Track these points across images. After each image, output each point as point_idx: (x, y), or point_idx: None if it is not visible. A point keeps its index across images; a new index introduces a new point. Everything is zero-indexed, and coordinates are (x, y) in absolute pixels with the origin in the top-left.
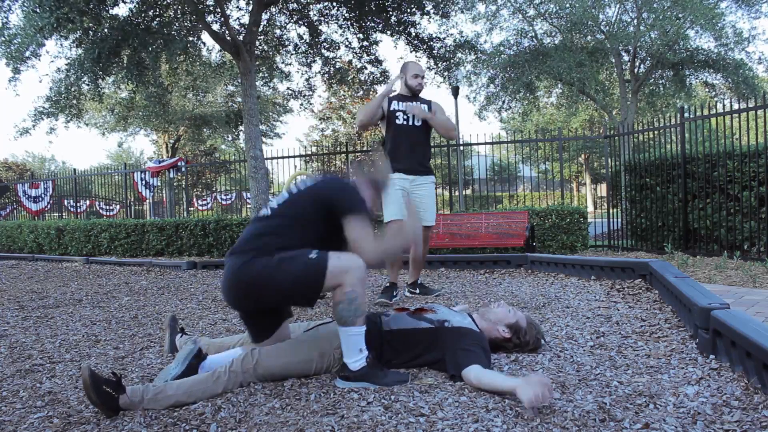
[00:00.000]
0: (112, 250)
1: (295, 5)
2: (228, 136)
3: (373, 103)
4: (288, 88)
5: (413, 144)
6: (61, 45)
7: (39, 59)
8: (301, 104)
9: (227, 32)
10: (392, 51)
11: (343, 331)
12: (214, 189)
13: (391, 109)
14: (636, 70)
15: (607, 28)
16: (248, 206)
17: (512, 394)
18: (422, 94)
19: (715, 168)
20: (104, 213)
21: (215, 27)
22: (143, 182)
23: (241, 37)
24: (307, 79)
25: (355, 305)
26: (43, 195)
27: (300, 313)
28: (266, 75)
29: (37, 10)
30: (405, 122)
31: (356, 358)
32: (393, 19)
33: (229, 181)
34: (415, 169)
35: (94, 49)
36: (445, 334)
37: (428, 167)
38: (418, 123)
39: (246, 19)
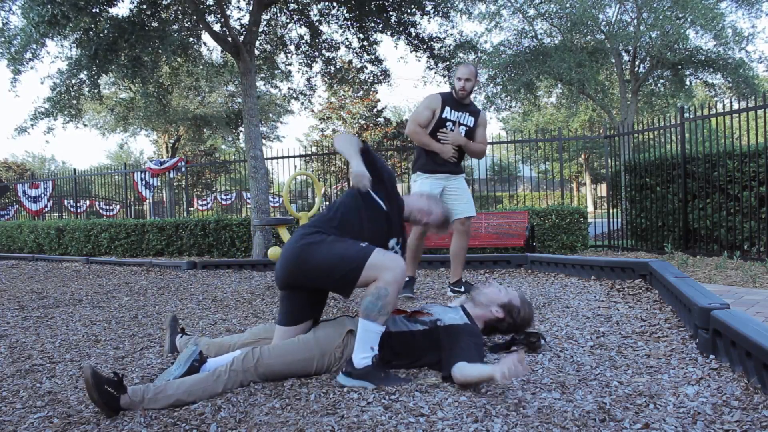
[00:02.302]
0: (112, 250)
1: (295, 5)
2: (228, 137)
3: (425, 140)
4: (289, 88)
5: (456, 153)
6: (62, 45)
7: (41, 60)
8: (302, 103)
9: (227, 32)
10: (393, 51)
11: (363, 323)
12: (214, 189)
13: (443, 116)
14: (636, 70)
15: (607, 28)
16: (248, 206)
17: (493, 380)
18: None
19: (715, 168)
20: (104, 213)
21: (216, 27)
22: (143, 182)
23: (241, 38)
24: (308, 79)
25: (382, 302)
26: (42, 195)
27: None
28: (266, 75)
29: (37, 9)
30: (452, 131)
31: (365, 355)
32: (393, 19)
33: (229, 181)
34: (454, 170)
35: (90, 46)
36: (439, 333)
37: (461, 167)
38: (461, 131)
39: (246, 20)
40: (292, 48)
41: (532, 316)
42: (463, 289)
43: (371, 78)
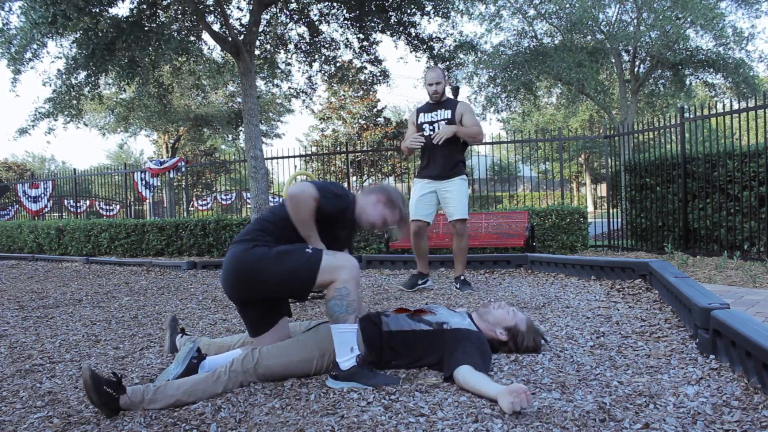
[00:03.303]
0: (112, 250)
1: (296, 5)
2: (228, 136)
3: (404, 146)
4: (289, 87)
5: (441, 151)
6: (62, 45)
7: (41, 60)
8: (303, 101)
9: (227, 32)
10: (393, 51)
11: (334, 328)
12: (214, 189)
13: (419, 122)
14: (636, 70)
15: (607, 28)
16: (248, 206)
17: (494, 400)
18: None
19: (715, 168)
20: (104, 213)
21: (215, 27)
22: (143, 182)
23: (241, 38)
24: (309, 78)
25: (346, 301)
26: (42, 195)
27: (300, 313)
28: (267, 75)
29: (35, 6)
30: (432, 131)
31: (347, 357)
32: (393, 19)
33: (229, 181)
34: (444, 174)
35: (88, 45)
36: (444, 336)
37: (457, 169)
38: (442, 125)
39: (246, 19)
40: (292, 47)
41: (538, 344)
42: (458, 285)
43: (371, 78)
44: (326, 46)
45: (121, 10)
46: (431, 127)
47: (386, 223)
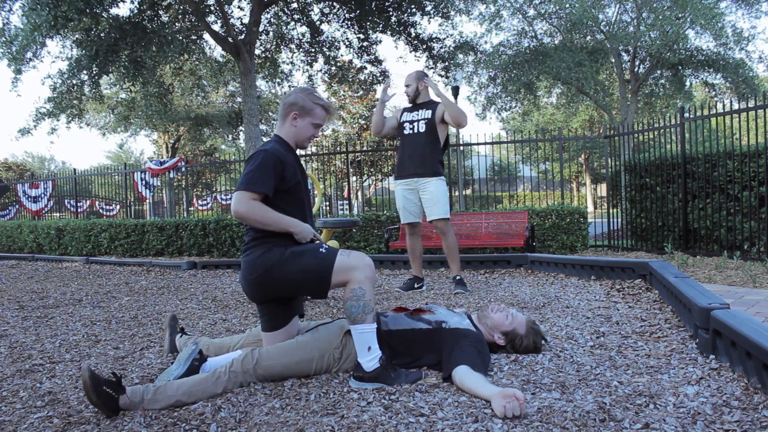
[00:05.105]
0: (112, 250)
1: (296, 5)
2: (228, 136)
3: (375, 115)
4: (290, 86)
5: (419, 150)
6: (63, 45)
7: (42, 60)
8: None
9: (227, 32)
10: (392, 51)
11: (353, 329)
12: (214, 189)
13: (401, 120)
14: (636, 70)
15: (607, 28)
16: None
17: (488, 401)
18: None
19: (715, 168)
20: (104, 213)
21: (216, 27)
22: (143, 182)
23: (241, 37)
24: (309, 76)
25: (362, 302)
26: (42, 195)
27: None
28: (267, 74)
29: (36, 8)
30: (411, 131)
31: (369, 357)
32: (393, 19)
33: (229, 181)
34: (421, 173)
35: (92, 47)
36: (443, 335)
37: (435, 169)
38: (422, 130)
39: (246, 20)
40: (292, 47)
41: (538, 345)
42: (453, 284)
43: (371, 78)
44: (327, 45)
45: (122, 10)
46: (411, 126)
47: (319, 126)
